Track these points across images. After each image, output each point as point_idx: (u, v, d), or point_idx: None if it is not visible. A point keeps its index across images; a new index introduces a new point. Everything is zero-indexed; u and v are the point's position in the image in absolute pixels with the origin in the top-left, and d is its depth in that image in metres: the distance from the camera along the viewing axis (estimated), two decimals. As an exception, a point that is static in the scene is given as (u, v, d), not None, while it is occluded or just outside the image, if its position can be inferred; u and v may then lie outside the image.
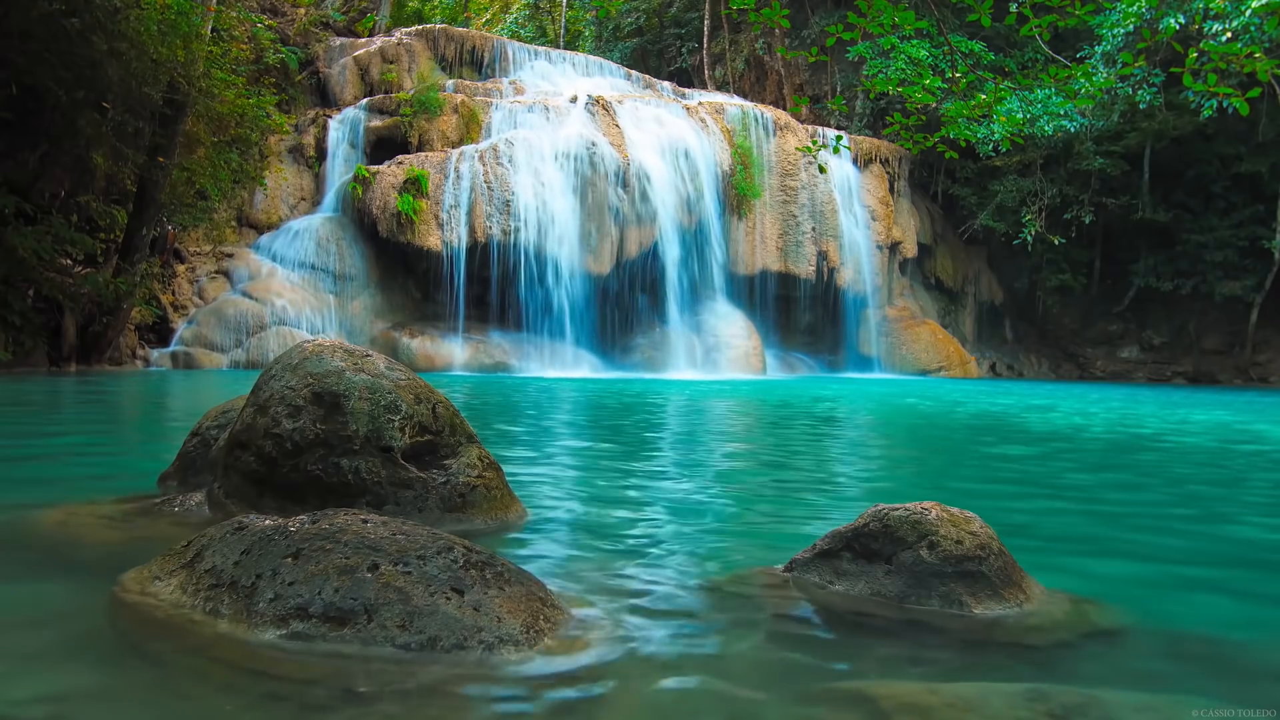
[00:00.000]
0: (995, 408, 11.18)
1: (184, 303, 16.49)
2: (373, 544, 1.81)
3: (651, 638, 1.85)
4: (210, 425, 3.28)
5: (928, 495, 2.47)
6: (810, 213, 22.51)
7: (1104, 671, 1.78)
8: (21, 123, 11.84)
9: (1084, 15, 5.78)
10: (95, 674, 1.58)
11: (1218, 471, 5.54)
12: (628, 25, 33.19)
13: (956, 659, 1.80)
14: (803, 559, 2.31)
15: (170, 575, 1.93)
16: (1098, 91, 12.03)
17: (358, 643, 1.65)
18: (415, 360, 16.90)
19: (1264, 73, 5.40)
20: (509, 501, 3.01)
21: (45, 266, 12.45)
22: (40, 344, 12.79)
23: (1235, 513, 3.99)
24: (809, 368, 23.21)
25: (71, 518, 2.74)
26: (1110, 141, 23.27)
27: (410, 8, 32.71)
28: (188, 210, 14.99)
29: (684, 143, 20.63)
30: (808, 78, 28.17)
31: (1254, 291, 23.95)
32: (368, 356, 2.89)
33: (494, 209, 18.25)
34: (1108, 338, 27.27)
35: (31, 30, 11.04)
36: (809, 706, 1.54)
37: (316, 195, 19.46)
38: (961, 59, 8.20)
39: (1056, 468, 5.46)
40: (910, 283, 25.88)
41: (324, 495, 2.65)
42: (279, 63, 19.40)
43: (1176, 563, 2.87)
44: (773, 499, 3.85)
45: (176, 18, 12.49)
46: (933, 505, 2.20)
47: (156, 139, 13.15)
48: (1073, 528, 3.38)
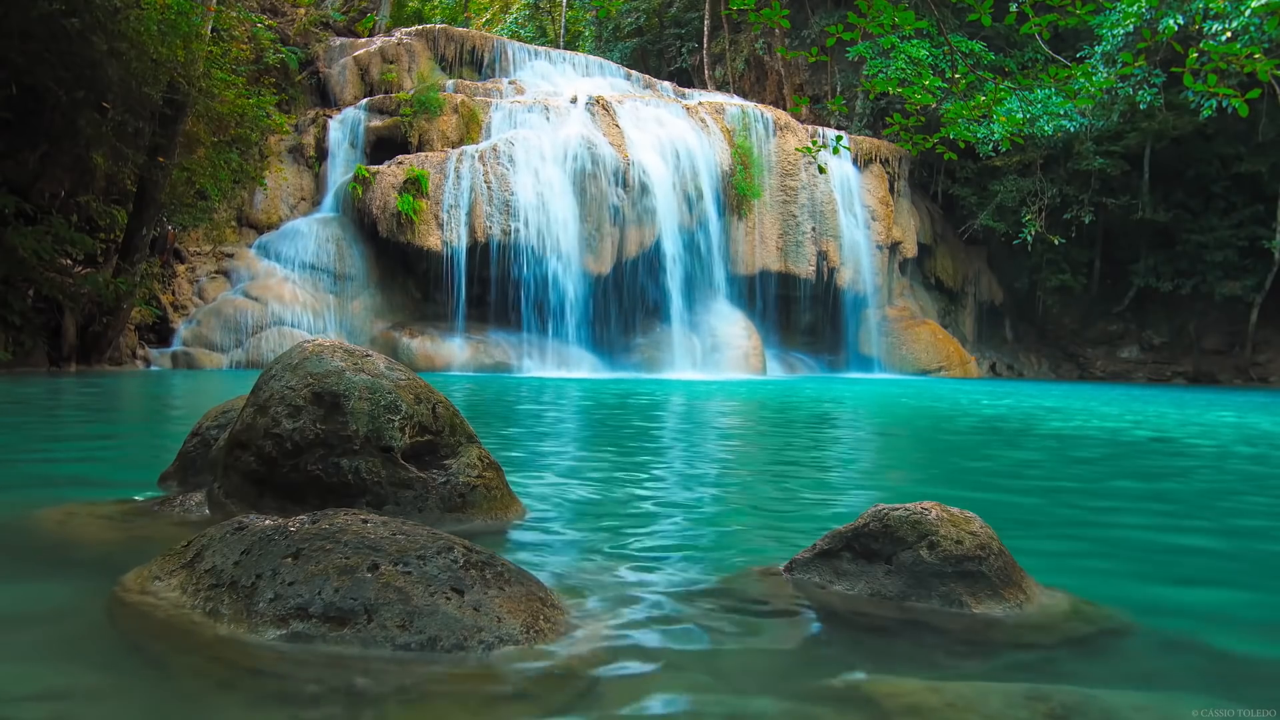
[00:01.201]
0: (995, 408, 11.18)
1: (184, 303, 16.49)
2: (373, 544, 1.81)
3: (651, 637, 1.85)
4: (210, 425, 3.28)
5: (928, 495, 2.47)
6: (810, 213, 22.51)
7: (1104, 671, 1.78)
8: (21, 123, 11.84)
9: (1084, 15, 5.78)
10: (95, 674, 1.58)
11: (1219, 471, 5.54)
12: (628, 25, 33.18)
13: (956, 659, 1.80)
14: (803, 559, 2.31)
15: (170, 575, 1.93)
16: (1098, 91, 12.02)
17: (358, 643, 1.65)
18: (415, 360, 16.89)
19: (1264, 73, 5.40)
20: (509, 501, 3.01)
21: (45, 266, 12.45)
22: (40, 344, 12.79)
23: (1236, 513, 3.99)
24: (809, 368, 23.21)
25: (71, 518, 2.74)
26: (1110, 141, 23.27)
27: (410, 8, 32.71)
28: (188, 210, 14.99)
29: (684, 143, 20.63)
30: (808, 78, 28.17)
31: (1254, 291, 23.95)
32: (368, 356, 2.89)
33: (494, 209, 18.25)
34: (1108, 338, 27.27)
35: (31, 30, 11.04)
36: (809, 706, 1.54)
37: (316, 195, 19.45)
38: (961, 59, 8.20)
39: (1057, 468, 5.45)
40: (910, 283, 25.88)
41: (324, 495, 2.65)
42: (279, 63, 19.39)
43: (1177, 563, 2.87)
44: (772, 499, 3.84)
45: (176, 18, 12.49)
46: (933, 505, 2.20)
47: (156, 139, 13.15)
48: (1073, 528, 3.38)
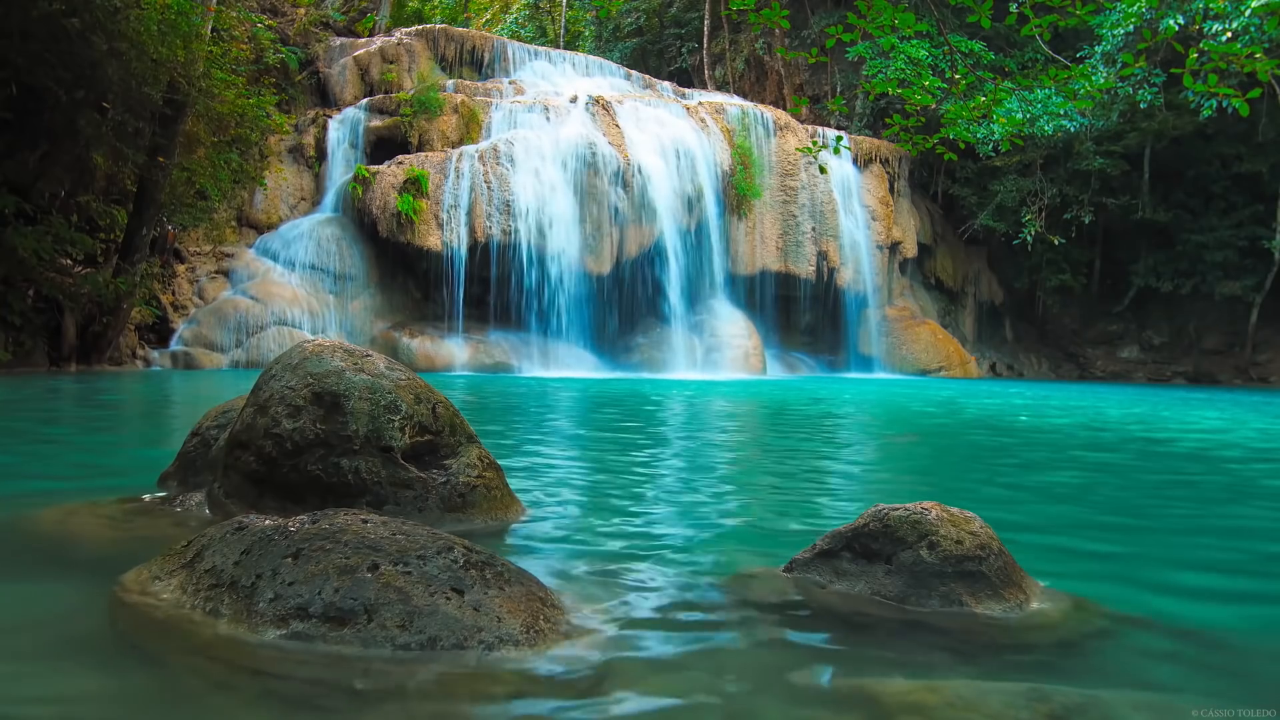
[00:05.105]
0: (996, 409, 11.18)
1: (184, 303, 16.49)
2: (373, 544, 1.81)
3: (651, 638, 1.85)
4: (210, 425, 3.28)
5: (928, 495, 2.47)
6: (810, 213, 22.50)
7: (1104, 671, 1.78)
8: (21, 123, 11.83)
9: (1084, 15, 5.77)
10: (95, 674, 1.58)
11: (1219, 471, 5.53)
12: (628, 25, 33.18)
13: (956, 659, 1.80)
14: (803, 559, 2.31)
15: (170, 575, 1.93)
16: (1098, 92, 11.99)
17: (358, 643, 1.65)
18: (415, 360, 16.89)
19: (1264, 73, 5.40)
20: (509, 501, 3.01)
21: (45, 266, 12.44)
22: (40, 344, 12.78)
23: (1237, 513, 3.99)
24: (809, 368, 23.20)
25: (71, 518, 2.74)
26: (1110, 141, 23.26)
27: (410, 8, 32.69)
28: (188, 210, 14.99)
29: (684, 143, 20.62)
30: (808, 78, 28.17)
31: (1254, 291, 23.94)
32: (368, 356, 2.89)
33: (494, 209, 18.25)
34: (1108, 338, 27.26)
35: (31, 30, 11.03)
36: (809, 706, 1.54)
37: (316, 195, 19.45)
38: (961, 59, 8.20)
39: (1057, 467, 5.45)
40: (910, 283, 25.87)
41: (324, 495, 2.65)
42: (279, 63, 19.39)
43: (1177, 563, 2.87)
44: (773, 499, 3.84)
45: (176, 18, 12.48)
46: (933, 505, 2.20)
47: (156, 139, 13.14)
48: (1073, 528, 3.38)
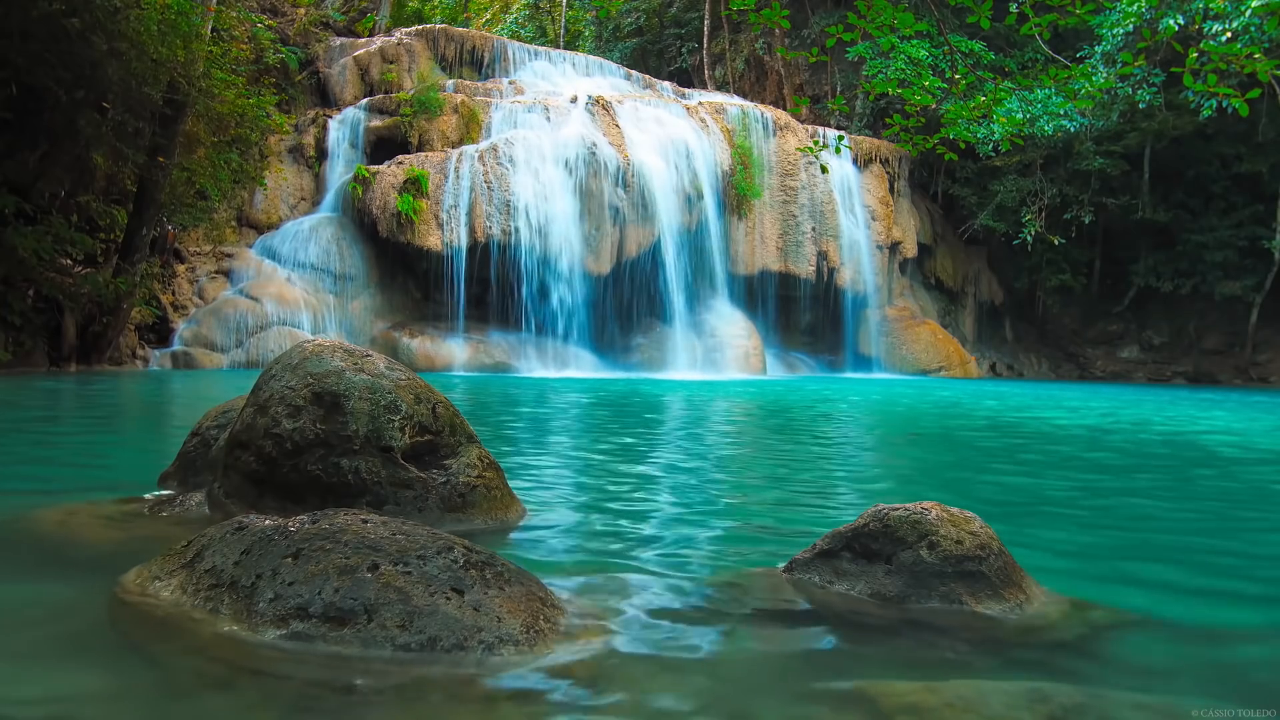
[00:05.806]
0: (996, 409, 11.18)
1: (184, 303, 16.49)
2: (373, 544, 1.81)
3: (651, 638, 1.85)
4: (210, 425, 3.28)
5: (928, 495, 2.47)
6: (810, 213, 22.50)
7: (1104, 671, 1.78)
8: (21, 123, 11.83)
9: (1084, 15, 5.77)
10: (95, 674, 1.58)
11: (1220, 472, 5.53)
12: (628, 25, 33.17)
13: (956, 659, 1.80)
14: (803, 559, 2.31)
15: (170, 575, 1.93)
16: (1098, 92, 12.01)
17: (358, 643, 1.65)
18: (415, 360, 16.89)
19: (1264, 73, 5.40)
20: (509, 501, 3.01)
21: (45, 266, 12.44)
22: (40, 344, 12.78)
23: (1237, 513, 3.99)
24: (809, 368, 23.21)
25: (71, 518, 2.74)
26: (1110, 141, 23.26)
27: (410, 8, 32.68)
28: (188, 210, 14.98)
29: (684, 143, 20.62)
30: (808, 78, 28.17)
31: (1254, 291, 23.94)
32: (368, 356, 2.89)
33: (494, 209, 18.25)
34: (1108, 338, 27.26)
35: (31, 30, 11.03)
36: (809, 706, 1.54)
37: (316, 195, 19.45)
38: (961, 59, 8.20)
39: (1056, 468, 5.45)
40: (910, 283, 25.87)
41: (324, 495, 2.65)
42: (279, 63, 19.38)
43: (1177, 563, 2.87)
44: (772, 499, 3.84)
45: (176, 18, 12.48)
46: (933, 505, 2.20)
47: (156, 139, 13.14)
48: (1073, 528, 3.38)
